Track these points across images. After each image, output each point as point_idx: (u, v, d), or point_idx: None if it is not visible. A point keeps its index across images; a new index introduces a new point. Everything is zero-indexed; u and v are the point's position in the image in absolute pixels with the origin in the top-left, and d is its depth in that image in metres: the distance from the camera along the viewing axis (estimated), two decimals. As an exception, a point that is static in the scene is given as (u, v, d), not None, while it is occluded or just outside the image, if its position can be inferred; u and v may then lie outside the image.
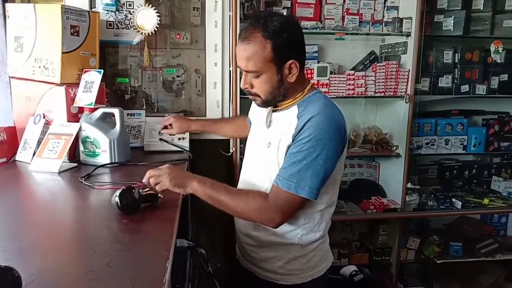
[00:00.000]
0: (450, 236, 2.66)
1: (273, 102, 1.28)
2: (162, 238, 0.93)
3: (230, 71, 2.03)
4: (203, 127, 1.86)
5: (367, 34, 2.37)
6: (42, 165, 1.52)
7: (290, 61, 1.20)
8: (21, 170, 1.55)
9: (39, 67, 1.64)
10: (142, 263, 0.82)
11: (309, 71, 2.18)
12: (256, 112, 1.46)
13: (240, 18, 2.07)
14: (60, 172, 1.49)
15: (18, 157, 1.66)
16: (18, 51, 1.69)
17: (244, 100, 2.08)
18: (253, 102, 1.40)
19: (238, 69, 1.98)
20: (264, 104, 1.29)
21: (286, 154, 1.22)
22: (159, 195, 1.15)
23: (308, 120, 1.18)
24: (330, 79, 2.21)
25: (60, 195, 1.36)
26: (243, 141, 2.24)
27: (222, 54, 2.03)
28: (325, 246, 1.42)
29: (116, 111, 1.62)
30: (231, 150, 2.10)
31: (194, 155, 1.87)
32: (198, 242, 2.32)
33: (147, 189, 1.15)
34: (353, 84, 2.22)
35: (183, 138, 1.88)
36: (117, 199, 1.04)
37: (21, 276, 0.66)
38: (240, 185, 1.46)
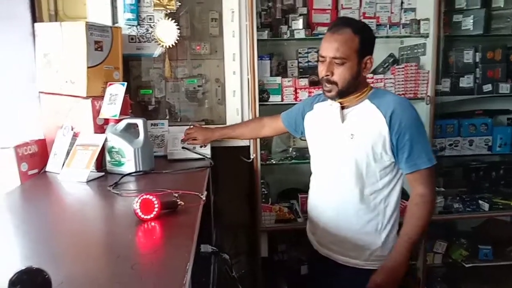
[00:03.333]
0: (478, 239, 2.59)
1: (345, 93, 1.45)
2: (183, 242, 0.96)
3: (248, 79, 2.06)
4: (224, 135, 1.97)
5: (385, 37, 2.36)
6: (71, 175, 1.59)
7: (368, 56, 1.43)
8: (51, 180, 1.62)
9: (66, 81, 1.72)
10: (163, 265, 0.85)
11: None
12: (319, 115, 1.60)
13: (257, 27, 2.12)
14: (88, 181, 1.55)
15: (48, 168, 1.74)
16: (46, 67, 1.78)
17: (263, 107, 2.12)
18: (315, 106, 1.61)
19: (255, 75, 2.02)
20: (338, 94, 1.45)
21: (385, 142, 1.40)
22: (179, 202, 1.19)
23: (395, 108, 1.39)
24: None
25: (88, 203, 1.42)
26: (264, 148, 2.28)
27: (240, 63, 2.07)
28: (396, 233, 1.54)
29: (139, 122, 1.68)
30: (251, 157, 2.13)
31: (216, 162, 1.91)
32: (222, 248, 2.36)
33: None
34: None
35: (204, 146, 1.92)
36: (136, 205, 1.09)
37: (51, 278, 0.71)
38: (319, 182, 1.62)
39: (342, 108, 1.49)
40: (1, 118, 2.04)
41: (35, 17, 1.94)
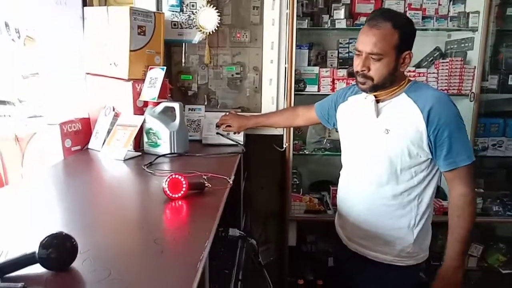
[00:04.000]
0: (519, 245, 2.48)
1: (380, 87, 1.41)
2: (206, 221, 1.00)
3: (285, 68, 2.07)
4: (258, 123, 1.98)
5: (431, 30, 2.27)
6: (110, 153, 1.67)
7: (407, 52, 1.37)
8: (92, 157, 1.71)
9: (110, 64, 1.81)
10: (185, 241, 0.90)
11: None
12: (352, 107, 1.57)
13: (298, 16, 2.11)
14: (125, 160, 1.63)
15: (90, 145, 1.84)
16: (93, 49, 1.87)
17: (298, 97, 2.12)
18: (349, 99, 1.58)
19: (293, 64, 2.02)
20: (372, 87, 1.41)
21: (422, 138, 1.35)
22: (207, 183, 1.23)
23: (433, 104, 1.33)
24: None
25: (123, 180, 1.50)
26: (297, 137, 2.28)
27: (279, 52, 2.08)
28: (431, 231, 1.52)
29: (176, 105, 1.73)
30: (284, 146, 2.14)
31: (248, 149, 1.94)
32: (251, 234, 2.40)
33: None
34: (413, 82, 2.16)
35: (238, 132, 1.96)
36: (165, 184, 1.14)
37: (78, 245, 0.77)
38: (350, 176, 1.59)
39: (377, 101, 1.45)
40: (51, 97, 2.18)
41: (86, 2, 2.04)
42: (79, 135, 1.83)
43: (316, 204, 2.26)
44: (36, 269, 0.75)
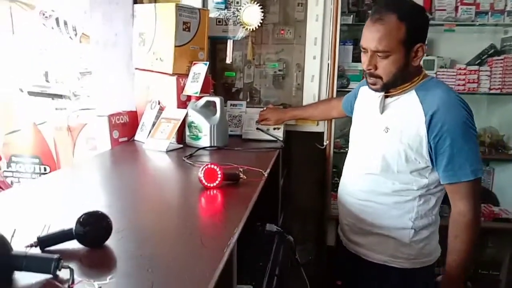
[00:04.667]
0: None
1: (392, 85, 1.31)
2: (237, 209, 1.02)
3: (328, 64, 2.04)
4: (294, 116, 1.98)
5: (485, 25, 2.14)
6: (154, 144, 1.73)
7: (419, 44, 1.24)
8: (137, 148, 1.79)
9: (156, 59, 1.88)
10: (214, 226, 0.93)
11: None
12: (364, 99, 1.49)
13: (344, 12, 2.08)
14: (167, 151, 1.68)
15: (136, 137, 1.92)
16: (141, 45, 1.95)
17: (341, 93, 2.07)
18: (361, 89, 1.50)
19: (336, 61, 1.99)
20: (383, 87, 1.31)
21: (422, 144, 1.25)
22: (242, 175, 1.25)
23: (439, 106, 1.22)
24: (437, 73, 2.07)
25: (163, 169, 1.56)
26: (338, 135, 2.24)
27: (322, 48, 2.05)
28: (436, 236, 1.43)
29: (217, 100, 1.77)
30: (324, 143, 2.11)
31: (289, 146, 1.94)
32: (289, 231, 2.39)
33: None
34: (463, 80, 2.05)
35: (278, 128, 1.96)
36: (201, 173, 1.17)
37: (112, 224, 0.81)
38: (348, 168, 1.53)
39: (386, 96, 1.35)
40: (103, 91, 2.30)
41: (136, 0, 2.13)
42: (127, 127, 1.92)
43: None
44: (74, 244, 0.79)
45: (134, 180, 1.37)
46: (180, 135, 1.86)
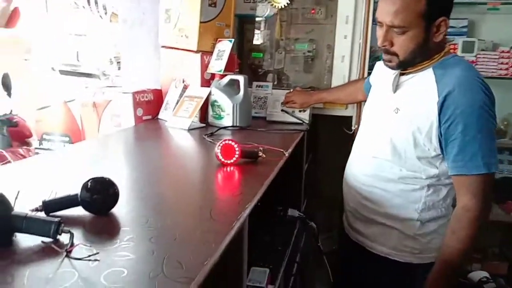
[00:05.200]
0: None
1: (410, 63, 1.20)
2: (253, 186, 0.97)
3: (360, 43, 1.93)
4: (320, 99, 1.89)
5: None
6: (176, 123, 1.71)
7: (442, 18, 1.12)
8: (161, 126, 1.77)
9: (181, 36, 1.84)
10: (227, 201, 0.90)
11: (451, 47, 1.93)
12: (379, 75, 1.37)
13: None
14: (189, 130, 1.65)
15: (160, 115, 1.90)
16: (167, 22, 1.91)
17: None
18: (376, 64, 1.35)
19: (368, 40, 1.88)
20: (400, 65, 1.20)
21: (431, 128, 1.14)
22: (261, 153, 1.19)
23: (454, 87, 1.09)
24: (478, 56, 1.92)
25: (183, 146, 1.55)
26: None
27: (354, 27, 1.95)
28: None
29: (241, 78, 1.71)
30: (353, 128, 2.01)
31: (315, 129, 1.86)
32: (313, 218, 2.33)
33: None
34: (506, 63, 1.89)
35: (304, 111, 1.88)
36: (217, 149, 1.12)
37: (119, 192, 0.78)
38: (355, 149, 1.44)
39: (402, 74, 1.24)
40: (130, 69, 2.30)
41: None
42: (151, 105, 1.90)
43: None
44: (80, 211, 0.77)
45: (152, 154, 1.35)
46: (203, 114, 1.82)
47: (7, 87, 2.48)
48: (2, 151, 2.34)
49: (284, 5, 2.00)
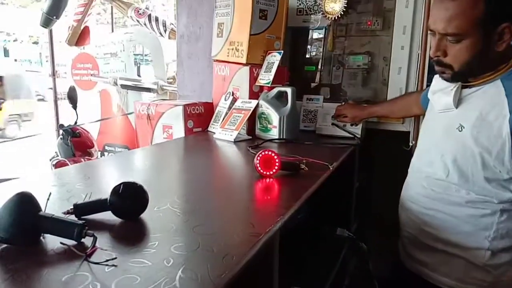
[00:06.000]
0: None
1: (466, 76, 1.10)
2: (289, 198, 0.93)
3: (418, 54, 1.81)
4: (372, 113, 1.79)
5: None
6: (223, 135, 1.70)
7: (504, 25, 0.99)
8: (208, 138, 1.78)
9: (232, 49, 1.85)
10: (258, 214, 0.86)
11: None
12: (438, 89, 1.24)
13: None
14: (235, 142, 1.64)
15: (210, 127, 1.92)
16: (219, 36, 1.94)
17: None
18: (435, 76, 1.24)
19: (427, 51, 1.76)
20: (454, 77, 1.10)
21: (504, 148, 1.01)
22: (302, 166, 1.14)
23: None
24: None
25: (227, 157, 1.54)
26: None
27: (412, 37, 1.83)
28: None
29: (289, 90, 1.68)
30: (410, 144, 1.88)
31: (369, 144, 1.77)
32: (366, 241, 2.19)
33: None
34: None
35: (356, 125, 1.79)
36: (256, 160, 1.09)
37: (148, 198, 0.78)
38: (414, 172, 1.32)
39: (464, 87, 1.12)
40: (186, 83, 2.37)
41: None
42: (202, 118, 1.93)
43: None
44: (109, 215, 0.76)
45: (193, 164, 1.35)
46: (251, 126, 1.80)
47: (73, 100, 2.67)
48: (65, 159, 2.51)
49: (338, 17, 1.94)
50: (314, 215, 1.62)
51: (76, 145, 2.73)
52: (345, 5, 1.92)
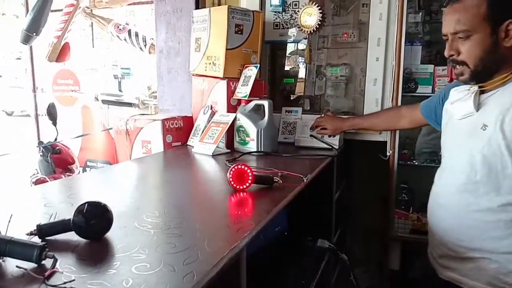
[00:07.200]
0: None
1: (483, 73, 1.14)
2: (260, 212, 0.93)
3: (392, 65, 1.84)
4: (354, 126, 1.81)
5: None
6: (202, 148, 1.70)
7: (509, 21, 1.07)
8: (186, 152, 1.77)
9: (210, 63, 1.86)
10: (224, 230, 0.85)
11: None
12: (456, 99, 1.27)
13: (415, 10, 1.89)
14: (213, 155, 1.64)
15: (189, 141, 1.91)
16: (197, 51, 1.95)
17: (407, 98, 1.87)
18: (451, 92, 1.29)
19: (401, 62, 1.79)
20: (473, 76, 1.15)
21: None
22: (276, 178, 1.14)
23: None
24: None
25: (204, 171, 1.54)
26: (403, 145, 2.00)
27: (386, 48, 1.87)
28: None
29: (265, 103, 1.69)
30: (387, 154, 1.90)
31: (348, 155, 1.78)
32: (350, 251, 2.19)
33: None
34: None
35: (333, 136, 1.80)
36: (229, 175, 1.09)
37: (112, 216, 0.77)
38: (442, 177, 1.32)
39: (482, 91, 1.16)
40: (166, 97, 2.36)
41: (198, 6, 2.16)
42: (181, 132, 1.92)
43: (426, 224, 1.94)
44: (74, 236, 0.75)
45: (169, 179, 1.35)
46: (230, 140, 1.81)
47: (53, 117, 2.64)
48: (45, 176, 2.47)
49: (313, 30, 1.97)
50: (295, 227, 1.62)
51: (57, 161, 2.70)
52: (320, 19, 1.95)
